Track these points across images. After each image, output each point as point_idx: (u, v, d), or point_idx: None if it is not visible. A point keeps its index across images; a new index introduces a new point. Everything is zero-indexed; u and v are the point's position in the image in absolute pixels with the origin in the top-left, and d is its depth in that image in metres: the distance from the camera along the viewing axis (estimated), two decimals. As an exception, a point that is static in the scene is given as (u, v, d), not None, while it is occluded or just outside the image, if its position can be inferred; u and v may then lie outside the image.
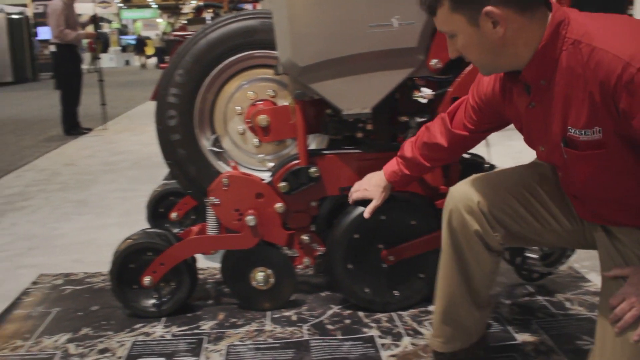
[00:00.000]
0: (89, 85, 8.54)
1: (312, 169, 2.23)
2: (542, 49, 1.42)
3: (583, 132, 1.41)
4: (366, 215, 2.12)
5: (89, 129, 7.62)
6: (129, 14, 39.21)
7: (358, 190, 2.15)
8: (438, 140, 1.91)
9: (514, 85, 1.59)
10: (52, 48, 7.42)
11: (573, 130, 1.43)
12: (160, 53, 15.28)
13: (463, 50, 1.49)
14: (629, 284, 1.45)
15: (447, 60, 2.14)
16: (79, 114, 7.58)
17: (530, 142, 1.66)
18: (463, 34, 1.45)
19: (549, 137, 1.52)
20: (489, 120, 1.80)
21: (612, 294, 1.46)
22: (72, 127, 7.41)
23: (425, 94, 2.24)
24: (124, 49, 31.97)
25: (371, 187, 2.11)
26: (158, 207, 3.12)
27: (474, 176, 1.74)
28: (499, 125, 1.82)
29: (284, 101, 2.50)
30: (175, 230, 2.96)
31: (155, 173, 4.84)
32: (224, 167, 2.55)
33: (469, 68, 2.15)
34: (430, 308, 2.23)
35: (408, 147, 2.01)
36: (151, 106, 2.60)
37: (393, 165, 2.06)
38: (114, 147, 6.42)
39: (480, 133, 1.87)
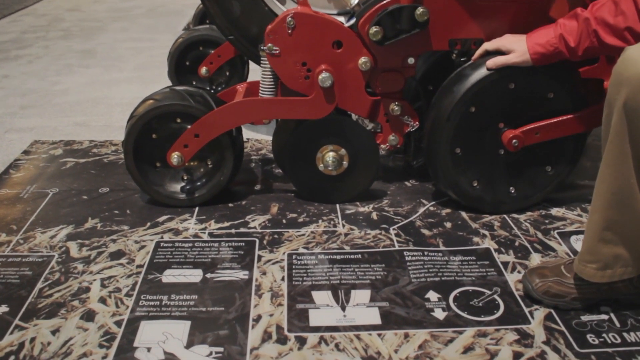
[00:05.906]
0: None
1: (420, 10, 1.63)
2: None
3: None
4: (490, 64, 1.63)
5: (96, -28, 7.11)
6: None
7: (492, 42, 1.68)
8: None
9: None
10: None
11: None
12: None
13: None
14: None
15: None
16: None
17: None
18: None
19: None
20: None
21: None
22: (77, -31, 6.81)
23: None
24: None
25: (512, 39, 1.63)
26: (184, 59, 2.67)
27: None
28: None
29: None
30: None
31: (175, 21, 4.67)
32: (279, 7, 1.94)
33: None
34: (554, 212, 1.80)
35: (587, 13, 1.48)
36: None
37: (547, 34, 1.56)
38: (125, -7, 6.13)
39: None
